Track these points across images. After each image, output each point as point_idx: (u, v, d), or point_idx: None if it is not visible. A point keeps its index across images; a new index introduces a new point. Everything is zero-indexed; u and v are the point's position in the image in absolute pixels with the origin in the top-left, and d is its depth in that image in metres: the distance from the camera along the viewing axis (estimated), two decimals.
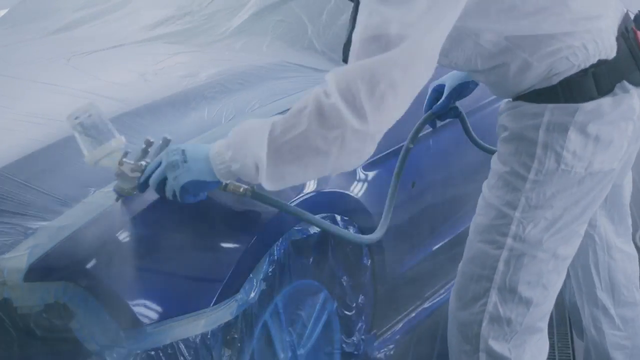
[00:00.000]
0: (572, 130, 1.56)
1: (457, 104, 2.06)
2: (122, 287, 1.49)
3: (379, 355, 2.20)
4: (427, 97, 2.02)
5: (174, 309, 1.53)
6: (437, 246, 2.40)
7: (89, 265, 1.47)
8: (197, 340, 1.54)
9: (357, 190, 1.99)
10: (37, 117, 1.89)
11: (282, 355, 1.84)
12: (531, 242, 1.64)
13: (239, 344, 1.64)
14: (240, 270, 1.64)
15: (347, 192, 1.96)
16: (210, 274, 1.60)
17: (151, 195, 1.58)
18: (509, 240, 1.64)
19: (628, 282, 1.99)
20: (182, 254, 1.58)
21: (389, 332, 2.30)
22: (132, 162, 1.54)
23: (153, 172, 1.50)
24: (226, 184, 1.55)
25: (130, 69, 2.23)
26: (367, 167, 2.04)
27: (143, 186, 1.52)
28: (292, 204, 1.78)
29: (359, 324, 2.08)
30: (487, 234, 1.68)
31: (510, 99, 1.66)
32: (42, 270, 1.45)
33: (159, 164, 1.49)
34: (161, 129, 1.84)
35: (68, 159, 1.70)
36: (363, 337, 2.10)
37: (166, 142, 1.57)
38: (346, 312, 2.04)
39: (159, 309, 1.51)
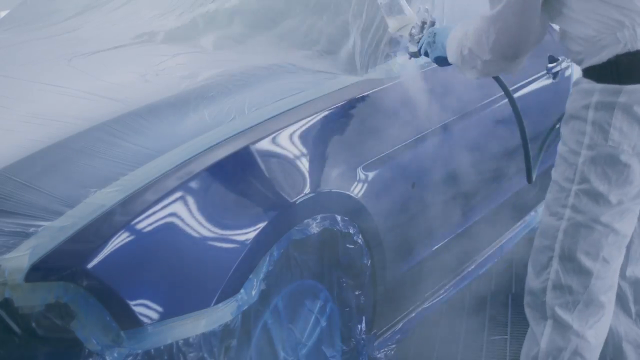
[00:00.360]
0: (617, 110, 1.67)
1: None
2: (123, 287, 1.50)
3: (379, 355, 2.20)
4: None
5: (174, 308, 1.53)
6: (437, 246, 2.41)
7: (89, 266, 1.47)
8: (198, 340, 1.54)
9: (357, 190, 1.99)
10: (38, 117, 1.89)
11: (282, 355, 1.84)
12: (588, 214, 1.73)
13: (239, 344, 1.64)
14: (240, 270, 1.65)
15: (347, 192, 1.96)
16: (210, 274, 1.60)
17: (151, 195, 1.59)
18: (568, 211, 1.76)
19: None
20: (182, 254, 1.59)
21: (389, 332, 2.30)
22: (417, 35, 2.12)
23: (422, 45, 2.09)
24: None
25: (131, 70, 2.23)
26: (367, 167, 2.04)
27: (418, 53, 2.13)
28: (292, 204, 1.78)
29: (359, 324, 2.08)
30: (551, 207, 1.80)
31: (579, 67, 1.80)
32: (43, 270, 1.46)
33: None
34: (162, 129, 1.84)
35: (69, 160, 1.70)
36: (363, 337, 2.10)
37: (432, 23, 2.10)
38: (346, 312, 2.04)
39: (159, 308, 1.52)
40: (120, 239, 1.52)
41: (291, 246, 1.80)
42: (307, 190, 1.85)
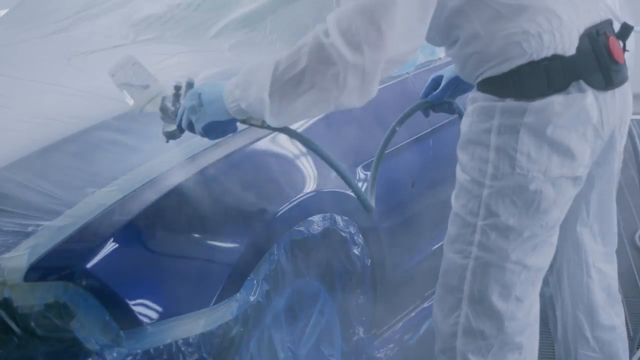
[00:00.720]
0: (523, 132, 1.51)
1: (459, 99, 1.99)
2: (122, 286, 1.49)
3: (379, 355, 2.20)
4: (426, 85, 1.98)
5: (174, 308, 1.53)
6: (437, 246, 2.40)
7: (89, 265, 1.47)
8: (197, 340, 1.54)
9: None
10: (37, 117, 1.89)
11: (282, 355, 1.84)
12: (496, 251, 1.58)
13: (238, 344, 1.64)
14: (240, 270, 1.64)
15: (347, 192, 1.96)
16: (210, 274, 1.60)
17: (150, 195, 1.59)
18: (475, 249, 1.60)
19: (606, 305, 1.89)
20: (182, 254, 1.58)
21: (389, 332, 2.30)
22: (171, 106, 1.62)
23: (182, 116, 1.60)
24: (244, 119, 1.57)
25: None
26: (367, 166, 2.04)
27: (180, 130, 1.62)
28: (292, 204, 1.78)
29: (359, 324, 2.08)
30: (456, 243, 1.64)
31: (471, 92, 1.61)
32: (42, 270, 1.45)
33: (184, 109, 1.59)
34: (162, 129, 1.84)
35: (68, 160, 1.70)
36: (363, 337, 2.10)
37: (189, 85, 1.62)
38: (346, 312, 2.04)
39: (159, 308, 1.51)
40: (120, 238, 1.52)
41: (291, 246, 1.80)
42: (307, 189, 1.85)
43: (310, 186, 1.86)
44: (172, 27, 2.54)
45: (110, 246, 1.50)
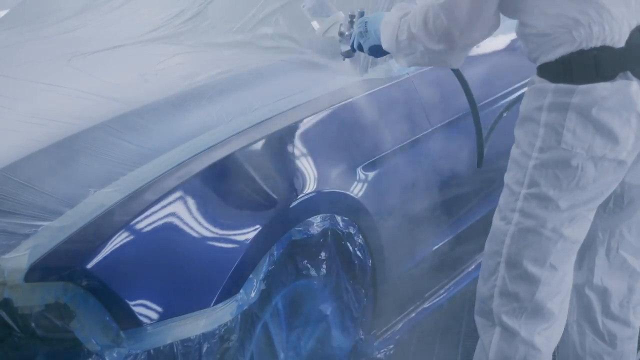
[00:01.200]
0: (571, 111, 1.61)
1: None
2: (123, 287, 1.50)
3: (379, 355, 2.20)
4: None
5: (174, 309, 1.53)
6: (437, 246, 2.40)
7: (89, 266, 1.47)
8: (197, 340, 1.54)
9: (357, 190, 1.99)
10: (38, 117, 1.90)
11: (282, 355, 1.84)
12: (536, 219, 1.68)
13: (238, 344, 1.64)
14: (240, 270, 1.65)
15: (347, 192, 1.96)
16: (210, 274, 1.60)
17: (151, 195, 1.59)
18: (516, 215, 1.71)
19: (624, 300, 1.93)
20: (182, 254, 1.59)
21: (389, 332, 2.30)
22: (346, 31, 2.00)
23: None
24: None
25: (130, 70, 2.24)
26: (367, 167, 2.04)
27: (352, 49, 2.00)
28: (292, 204, 1.78)
29: (359, 324, 2.08)
30: (502, 211, 1.75)
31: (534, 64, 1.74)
32: (42, 270, 1.46)
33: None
34: (162, 129, 1.84)
35: (69, 160, 1.70)
36: (363, 337, 2.10)
37: (360, 14, 1.96)
38: (346, 312, 2.04)
39: (159, 309, 1.52)
40: (120, 239, 1.52)
41: (291, 246, 1.80)
42: (307, 190, 1.85)
43: (310, 186, 1.87)
44: (172, 28, 2.54)
45: (111, 247, 1.51)
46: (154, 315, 1.50)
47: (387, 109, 2.17)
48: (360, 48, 1.94)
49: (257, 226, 1.70)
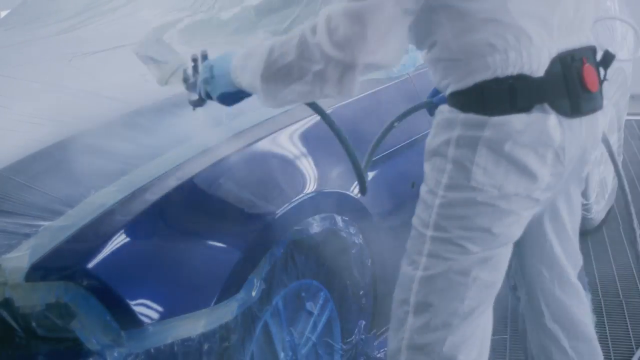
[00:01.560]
0: (481, 146, 1.47)
1: None
2: (123, 286, 1.50)
3: (379, 355, 2.20)
4: (434, 87, 1.88)
5: (174, 308, 1.53)
6: None
7: (90, 265, 1.47)
8: (198, 339, 1.54)
9: (357, 190, 1.99)
10: (38, 117, 1.90)
11: (282, 355, 1.84)
12: (445, 263, 1.53)
13: (239, 344, 1.64)
14: (240, 270, 1.65)
15: (347, 192, 1.96)
16: (210, 274, 1.60)
17: (151, 195, 1.59)
18: (424, 260, 1.56)
19: (584, 317, 1.84)
20: (183, 254, 1.59)
21: (389, 332, 2.30)
22: (191, 76, 1.72)
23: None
24: None
25: (131, 70, 2.23)
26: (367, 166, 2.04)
27: (201, 99, 1.71)
28: (292, 204, 1.78)
29: (359, 324, 2.08)
30: (409, 255, 1.60)
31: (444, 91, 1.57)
32: (43, 270, 1.46)
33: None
34: (162, 129, 1.84)
35: (69, 160, 1.70)
36: (363, 337, 2.10)
37: (204, 57, 1.70)
38: (346, 312, 2.04)
39: (159, 308, 1.52)
40: (120, 238, 1.52)
41: (291, 246, 1.80)
42: (307, 190, 1.85)
43: (310, 186, 1.87)
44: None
45: (111, 246, 1.51)
46: (155, 315, 1.50)
47: (387, 109, 2.18)
48: (209, 96, 1.67)
49: (257, 226, 1.70)
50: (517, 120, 1.46)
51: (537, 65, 1.45)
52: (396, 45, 1.44)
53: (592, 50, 1.57)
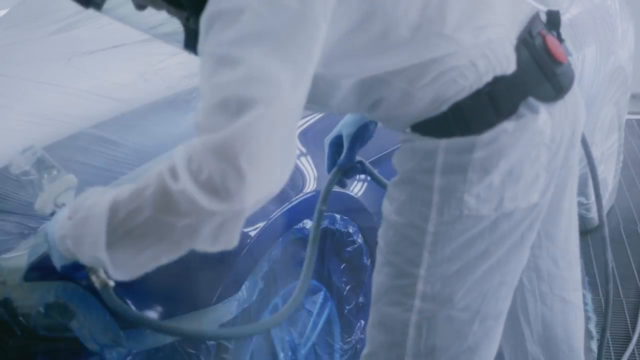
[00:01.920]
0: (471, 170, 1.30)
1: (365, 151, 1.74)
2: (123, 286, 1.49)
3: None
4: (327, 153, 1.71)
5: (174, 308, 1.53)
6: None
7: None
8: (198, 340, 1.54)
9: (357, 190, 1.99)
10: (37, 117, 1.89)
11: (282, 355, 1.84)
12: (443, 301, 1.37)
13: (238, 344, 1.64)
14: (241, 270, 1.64)
15: (347, 191, 1.96)
16: (210, 273, 1.60)
17: None
18: (417, 302, 1.37)
19: (570, 338, 1.66)
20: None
21: None
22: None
23: None
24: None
25: (130, 69, 2.23)
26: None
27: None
28: (292, 204, 1.78)
29: (359, 324, 2.08)
30: (392, 295, 1.40)
31: (403, 131, 1.39)
32: (42, 269, 1.46)
33: None
34: (162, 129, 1.84)
35: (69, 160, 1.70)
36: (363, 336, 2.10)
37: (42, 165, 1.37)
38: (346, 312, 2.04)
39: (159, 308, 1.51)
40: None
41: (291, 246, 1.80)
42: (306, 189, 1.85)
43: (310, 186, 1.86)
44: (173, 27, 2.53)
45: None
46: (154, 315, 1.50)
47: None
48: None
49: (257, 226, 1.70)
50: (506, 132, 1.30)
51: (506, 60, 1.30)
52: (286, 159, 1.15)
53: (537, 17, 1.39)
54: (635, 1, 3.78)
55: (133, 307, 1.47)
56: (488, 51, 1.28)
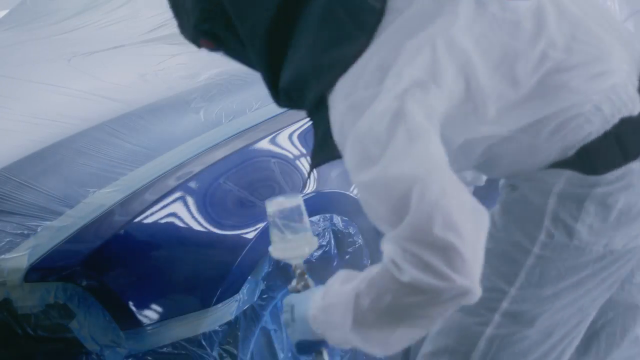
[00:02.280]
0: (589, 202, 1.29)
1: None
2: (122, 287, 1.50)
3: (379, 355, 2.20)
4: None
5: (174, 309, 1.53)
6: None
7: (89, 266, 1.47)
8: (197, 340, 1.54)
9: (357, 190, 1.99)
10: (37, 117, 1.90)
11: (282, 355, 1.84)
12: (525, 322, 1.36)
13: (239, 344, 1.64)
14: (240, 270, 1.65)
15: (347, 192, 1.96)
16: (210, 274, 1.60)
17: (150, 196, 1.59)
18: (497, 317, 1.36)
19: None
20: (182, 254, 1.59)
21: None
22: (307, 275, 1.41)
23: None
24: None
25: (130, 70, 2.24)
26: None
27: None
28: None
29: None
30: (471, 306, 1.30)
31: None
32: (42, 270, 1.46)
33: None
34: (162, 129, 1.84)
35: (69, 160, 1.70)
36: None
37: (302, 279, 1.41)
38: None
39: (159, 309, 1.52)
40: (120, 239, 1.52)
41: None
42: (306, 190, 1.85)
43: (310, 186, 1.86)
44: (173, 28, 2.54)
45: (110, 247, 1.51)
46: (154, 316, 1.50)
47: None
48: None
49: (257, 226, 1.70)
50: (632, 172, 1.28)
51: (631, 102, 1.29)
52: (472, 208, 1.17)
53: None
54: (636, 1, 3.78)
55: None
56: (612, 94, 1.27)
